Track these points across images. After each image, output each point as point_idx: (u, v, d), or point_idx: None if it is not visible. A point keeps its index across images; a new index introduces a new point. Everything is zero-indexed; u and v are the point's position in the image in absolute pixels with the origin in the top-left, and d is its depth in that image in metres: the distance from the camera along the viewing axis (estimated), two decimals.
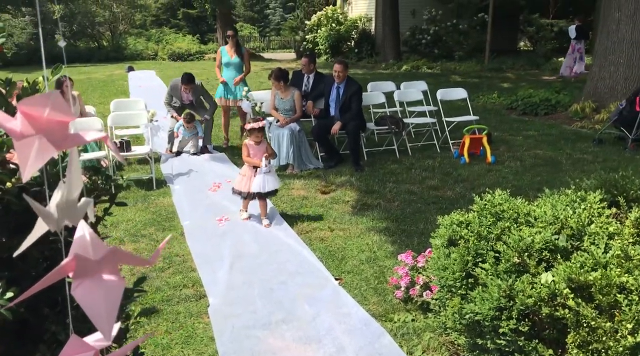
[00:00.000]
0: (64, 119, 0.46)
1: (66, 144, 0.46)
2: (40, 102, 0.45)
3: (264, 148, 5.24)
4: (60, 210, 0.48)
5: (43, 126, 0.45)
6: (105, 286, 0.49)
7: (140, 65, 20.06)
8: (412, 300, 3.63)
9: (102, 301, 0.48)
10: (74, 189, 0.50)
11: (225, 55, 8.07)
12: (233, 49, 8.06)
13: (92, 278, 0.49)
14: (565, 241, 2.57)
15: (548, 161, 7.13)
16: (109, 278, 0.49)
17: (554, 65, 17.10)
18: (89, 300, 0.48)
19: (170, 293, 3.97)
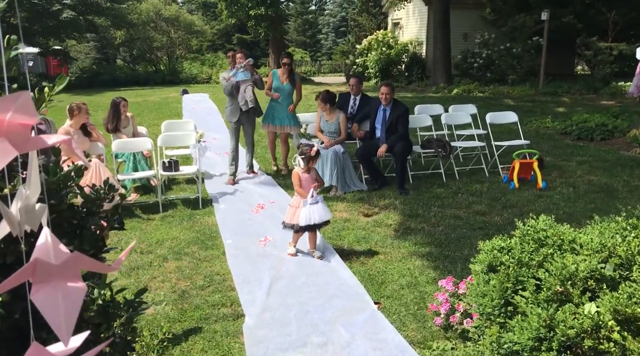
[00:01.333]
0: (27, 122, 0.46)
1: (28, 146, 0.46)
2: (3, 105, 0.45)
3: (313, 176, 5.01)
4: (22, 214, 0.48)
5: (4, 128, 0.45)
6: (66, 291, 0.48)
7: (195, 89, 20.68)
8: (452, 327, 3.51)
9: (61, 307, 0.47)
10: (33, 193, 0.50)
11: (277, 79, 7.72)
12: (285, 74, 7.70)
13: (52, 283, 0.48)
14: (613, 270, 2.43)
15: (603, 188, 6.83)
16: (69, 284, 0.49)
17: (613, 89, 16.52)
18: (48, 305, 0.47)
19: (208, 311, 4.00)
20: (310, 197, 4.76)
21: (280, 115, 7.63)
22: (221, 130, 11.66)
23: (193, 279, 4.56)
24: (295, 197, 5.00)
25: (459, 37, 20.23)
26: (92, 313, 1.01)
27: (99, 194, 1.10)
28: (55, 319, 0.46)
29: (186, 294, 4.28)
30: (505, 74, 18.77)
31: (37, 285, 0.48)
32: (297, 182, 4.95)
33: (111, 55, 28.79)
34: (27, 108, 0.47)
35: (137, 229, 5.77)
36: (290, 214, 4.92)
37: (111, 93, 7.60)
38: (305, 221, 4.73)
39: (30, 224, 0.49)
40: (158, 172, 6.65)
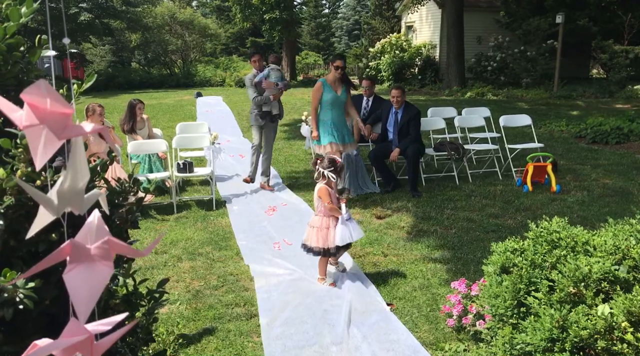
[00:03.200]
0: (65, 111, 0.50)
1: (66, 134, 0.50)
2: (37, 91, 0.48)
3: (336, 192, 4.53)
4: (61, 197, 0.51)
5: (46, 116, 0.49)
6: (95, 271, 0.51)
7: (209, 91, 20.82)
8: (465, 329, 3.51)
9: (87, 287, 0.50)
10: (80, 179, 0.53)
11: (329, 89, 6.35)
12: (338, 81, 6.37)
13: (84, 263, 0.52)
14: (627, 272, 2.43)
15: (618, 192, 6.78)
16: (100, 265, 0.52)
17: (628, 93, 16.36)
18: (75, 284, 0.50)
19: (222, 311, 4.03)
20: (345, 213, 4.31)
21: (341, 131, 6.55)
22: (235, 132, 11.74)
23: (207, 279, 4.61)
24: (316, 216, 4.43)
25: (472, 40, 20.16)
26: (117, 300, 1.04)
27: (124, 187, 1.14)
28: (78, 297, 0.49)
29: (200, 294, 4.33)
30: (519, 77, 18.67)
31: (71, 265, 0.51)
32: (327, 198, 4.34)
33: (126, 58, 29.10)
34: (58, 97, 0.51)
35: (152, 229, 5.83)
36: (315, 236, 4.35)
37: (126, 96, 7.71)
38: (342, 240, 4.24)
39: (76, 208, 0.52)
40: (173, 174, 6.72)
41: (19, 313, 0.82)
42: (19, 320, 0.69)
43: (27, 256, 0.88)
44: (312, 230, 4.37)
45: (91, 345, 0.52)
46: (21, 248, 0.87)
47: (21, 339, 0.83)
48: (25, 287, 0.84)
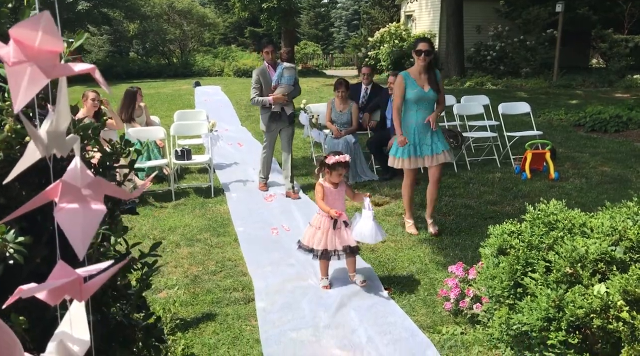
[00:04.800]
0: (55, 49, 0.49)
1: (55, 73, 0.49)
2: (31, 27, 0.48)
3: (342, 192, 4.11)
4: (50, 138, 0.51)
5: (34, 53, 0.48)
6: (87, 211, 0.51)
7: (207, 81, 20.75)
8: (462, 312, 3.53)
9: (80, 224, 0.50)
10: (62, 121, 0.53)
11: (413, 85, 4.94)
12: (425, 74, 4.96)
13: (75, 203, 0.51)
14: (623, 253, 2.43)
15: (616, 179, 6.78)
16: (91, 204, 0.52)
17: (628, 82, 16.32)
18: (68, 221, 0.50)
19: (220, 295, 4.04)
20: (368, 208, 3.90)
21: (425, 139, 4.97)
22: (233, 121, 11.72)
23: (205, 264, 4.61)
24: (317, 215, 4.06)
25: (472, 29, 20.08)
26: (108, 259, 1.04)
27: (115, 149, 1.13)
28: (73, 234, 0.49)
29: (198, 279, 4.34)
30: (518, 66, 18.62)
31: (61, 205, 0.51)
32: (321, 194, 4.03)
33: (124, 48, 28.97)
34: (53, 33, 0.50)
35: (150, 216, 5.83)
36: (309, 235, 4.06)
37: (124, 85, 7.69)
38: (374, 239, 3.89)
39: (60, 150, 0.52)
40: (171, 161, 6.71)
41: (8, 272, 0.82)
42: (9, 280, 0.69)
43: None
44: (310, 230, 4.09)
45: (80, 286, 0.52)
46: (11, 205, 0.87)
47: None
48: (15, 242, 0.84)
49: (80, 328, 0.55)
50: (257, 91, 6.27)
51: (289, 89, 6.21)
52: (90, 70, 0.52)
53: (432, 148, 4.97)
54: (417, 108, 4.96)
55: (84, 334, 0.55)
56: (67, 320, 0.54)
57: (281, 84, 6.18)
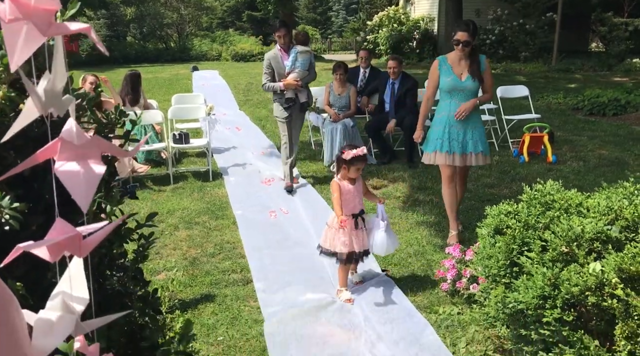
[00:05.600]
0: (51, 7, 0.49)
1: (51, 31, 0.49)
2: None
3: (360, 188, 3.72)
4: (47, 96, 0.51)
5: (30, 11, 0.48)
6: (86, 168, 0.52)
7: (205, 66, 20.64)
8: (459, 292, 3.56)
9: (82, 178, 0.51)
10: (59, 81, 0.53)
11: (448, 72, 4.36)
12: (466, 60, 4.33)
13: (74, 160, 0.52)
14: (619, 232, 2.45)
15: (613, 162, 6.80)
16: (90, 162, 0.52)
17: (627, 66, 16.27)
18: (69, 176, 0.50)
19: (219, 277, 4.07)
20: (383, 218, 3.62)
21: (462, 134, 4.35)
22: (231, 105, 11.69)
23: (204, 247, 4.64)
24: (333, 215, 3.74)
25: (471, 13, 19.92)
26: None
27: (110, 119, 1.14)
28: (75, 188, 0.49)
29: (197, 261, 4.36)
30: (517, 50, 18.54)
31: (60, 162, 0.52)
32: (336, 192, 3.65)
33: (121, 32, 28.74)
34: None
35: (149, 200, 5.84)
36: (329, 237, 3.69)
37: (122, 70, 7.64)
38: (385, 251, 3.66)
39: (57, 109, 0.52)
40: (169, 145, 6.70)
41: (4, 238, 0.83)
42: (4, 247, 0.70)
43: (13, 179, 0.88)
44: (329, 231, 3.72)
45: (79, 242, 0.52)
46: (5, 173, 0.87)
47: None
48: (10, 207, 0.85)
49: (79, 285, 0.56)
50: (269, 76, 5.85)
51: (303, 74, 5.81)
52: (86, 29, 0.52)
53: (464, 146, 4.34)
54: (450, 98, 4.36)
55: (83, 292, 0.55)
56: (67, 277, 0.55)
57: (296, 68, 5.78)
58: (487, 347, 3.07)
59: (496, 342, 3.10)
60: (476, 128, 4.38)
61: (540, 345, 2.42)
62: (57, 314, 0.52)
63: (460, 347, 3.10)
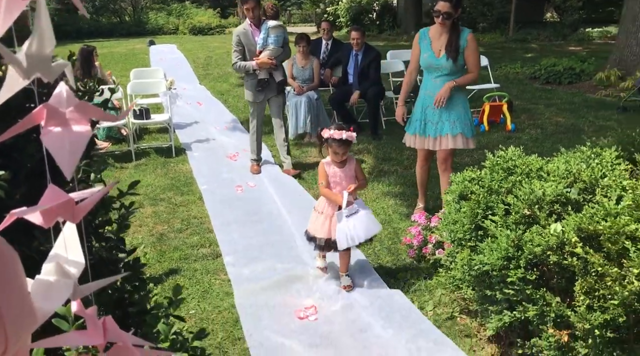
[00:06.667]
0: None
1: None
2: None
3: (351, 172, 3.44)
4: (30, 61, 0.51)
5: None
6: (72, 133, 0.52)
7: (162, 40, 20.12)
8: (425, 258, 3.65)
9: (67, 144, 0.50)
10: (46, 44, 0.52)
11: (427, 48, 4.13)
12: (446, 35, 4.04)
13: (60, 126, 0.52)
14: (577, 194, 2.55)
15: (569, 129, 7.01)
16: (76, 127, 0.52)
17: (580, 35, 16.66)
18: (55, 144, 0.50)
19: (187, 252, 4.06)
20: (346, 208, 3.30)
21: (432, 116, 4.15)
22: (191, 79, 11.49)
23: (170, 223, 4.60)
24: (322, 198, 3.50)
25: None
26: None
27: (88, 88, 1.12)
28: (60, 156, 0.49)
29: (164, 237, 4.33)
30: (475, 21, 18.72)
31: (47, 128, 0.52)
32: (323, 178, 3.42)
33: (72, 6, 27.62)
34: None
35: (111, 177, 5.73)
36: (313, 221, 3.48)
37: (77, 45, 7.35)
38: (347, 243, 3.30)
39: (45, 75, 0.51)
40: (129, 121, 6.56)
41: None
42: None
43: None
44: (315, 215, 3.49)
45: (73, 207, 0.53)
46: None
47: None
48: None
49: (74, 250, 0.56)
50: (239, 55, 5.36)
51: (277, 51, 5.35)
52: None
53: (438, 129, 4.10)
54: (428, 76, 4.15)
55: (78, 256, 0.56)
56: (61, 242, 0.56)
57: (268, 46, 5.34)
58: (454, 309, 3.18)
59: (462, 304, 3.21)
60: (454, 109, 4.06)
61: (505, 304, 2.52)
62: (53, 278, 0.53)
63: (427, 310, 3.20)
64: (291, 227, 4.42)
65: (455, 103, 4.06)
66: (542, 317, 2.31)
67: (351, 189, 3.32)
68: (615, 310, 2.05)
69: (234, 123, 7.88)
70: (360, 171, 3.53)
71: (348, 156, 3.43)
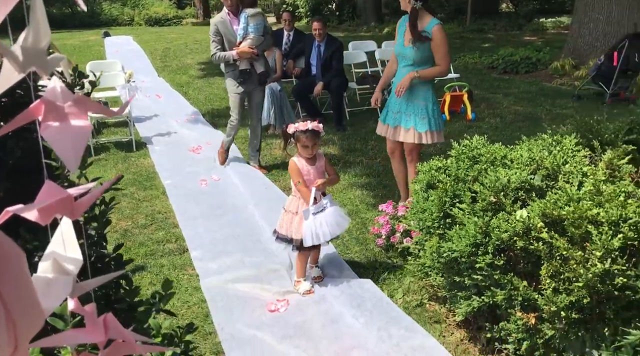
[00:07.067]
0: None
1: None
2: None
3: (322, 168, 3.36)
4: (26, 54, 0.49)
5: None
6: (73, 128, 0.50)
7: (117, 31, 19.61)
8: (393, 247, 3.70)
9: (69, 140, 0.49)
10: (42, 38, 0.51)
11: (400, 36, 4.13)
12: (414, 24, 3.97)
13: (60, 122, 0.50)
14: (541, 180, 2.63)
15: (528, 117, 7.20)
16: (76, 122, 0.51)
17: (535, 25, 17.07)
18: (56, 138, 0.49)
19: (153, 247, 4.00)
20: (313, 205, 3.19)
21: (394, 106, 4.14)
22: (149, 72, 11.25)
23: (134, 218, 4.52)
24: (291, 197, 3.42)
25: None
26: None
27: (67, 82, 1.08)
28: (63, 149, 0.48)
29: (129, 233, 4.25)
30: (434, 12, 18.91)
31: (46, 123, 0.50)
32: (296, 176, 3.30)
33: None
34: None
35: None
36: (285, 221, 3.35)
37: None
38: (312, 240, 3.18)
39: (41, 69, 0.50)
40: None
41: None
42: None
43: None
44: (285, 215, 3.38)
45: (71, 203, 0.51)
46: None
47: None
48: None
49: (72, 247, 0.55)
50: (218, 45, 5.12)
51: (258, 40, 5.10)
52: None
53: (396, 119, 4.06)
54: (399, 64, 4.11)
55: (76, 253, 0.55)
56: (59, 239, 0.54)
57: (248, 34, 5.08)
58: (423, 296, 3.23)
59: (431, 291, 3.27)
60: (413, 102, 3.97)
61: (473, 290, 2.59)
62: (52, 275, 0.52)
63: (397, 298, 3.24)
64: (258, 220, 4.41)
65: (415, 96, 3.98)
66: (509, 301, 2.38)
67: (318, 184, 3.22)
68: (579, 291, 2.12)
69: (196, 115, 7.78)
70: (331, 167, 3.47)
71: (317, 153, 3.36)
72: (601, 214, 2.21)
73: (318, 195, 3.23)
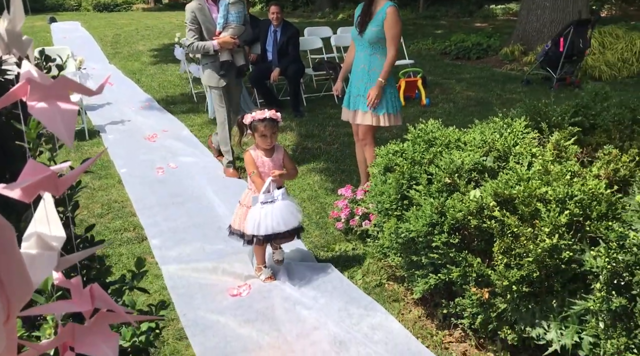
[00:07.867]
0: None
1: None
2: None
3: (280, 161, 3.28)
4: (10, 36, 0.51)
5: None
6: (60, 108, 0.52)
7: (63, 17, 18.94)
8: (352, 230, 3.77)
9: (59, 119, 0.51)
10: (17, 22, 0.52)
11: (356, 22, 4.17)
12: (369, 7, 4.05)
13: (46, 101, 0.52)
14: (493, 162, 2.74)
15: (479, 102, 7.39)
16: (62, 103, 0.53)
17: (485, 12, 17.45)
18: (46, 115, 0.51)
19: (111, 236, 3.95)
20: (264, 193, 3.11)
21: (352, 89, 4.24)
22: (100, 59, 10.96)
23: (90, 208, 4.44)
24: (246, 191, 3.35)
25: None
26: None
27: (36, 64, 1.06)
28: (55, 126, 0.50)
29: (85, 222, 4.17)
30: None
31: (32, 103, 0.52)
32: (251, 167, 3.23)
33: None
34: None
35: None
36: (239, 215, 3.30)
37: None
38: (252, 229, 3.12)
39: (19, 50, 0.51)
40: None
41: None
42: None
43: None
44: (240, 210, 3.31)
45: (55, 180, 0.53)
46: None
47: None
48: None
49: (54, 223, 0.57)
50: (195, 34, 4.71)
51: (240, 29, 4.76)
52: None
53: (355, 102, 4.14)
54: (356, 49, 4.16)
55: (59, 229, 0.57)
56: (42, 216, 0.56)
57: (230, 24, 4.74)
58: (382, 276, 3.32)
59: (389, 271, 3.36)
60: (372, 86, 4.01)
61: (430, 268, 2.68)
62: (36, 251, 0.54)
63: (357, 279, 3.32)
64: (217, 208, 4.40)
65: (374, 80, 4.03)
66: (464, 278, 2.48)
67: (275, 174, 3.15)
68: (529, 266, 2.24)
69: (150, 102, 7.65)
70: (289, 160, 3.39)
71: (275, 144, 3.29)
72: (549, 192, 2.33)
73: (273, 187, 3.14)
